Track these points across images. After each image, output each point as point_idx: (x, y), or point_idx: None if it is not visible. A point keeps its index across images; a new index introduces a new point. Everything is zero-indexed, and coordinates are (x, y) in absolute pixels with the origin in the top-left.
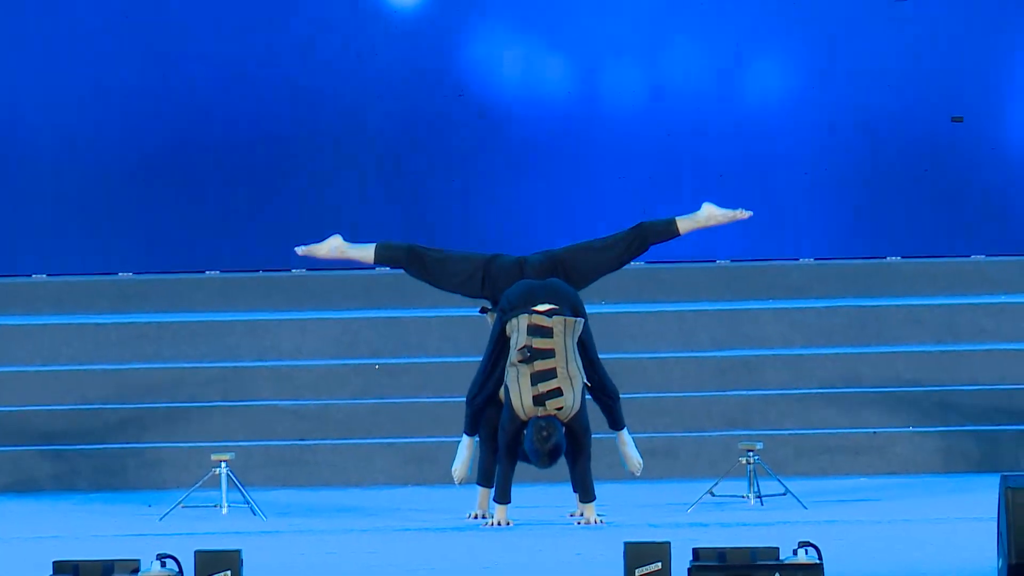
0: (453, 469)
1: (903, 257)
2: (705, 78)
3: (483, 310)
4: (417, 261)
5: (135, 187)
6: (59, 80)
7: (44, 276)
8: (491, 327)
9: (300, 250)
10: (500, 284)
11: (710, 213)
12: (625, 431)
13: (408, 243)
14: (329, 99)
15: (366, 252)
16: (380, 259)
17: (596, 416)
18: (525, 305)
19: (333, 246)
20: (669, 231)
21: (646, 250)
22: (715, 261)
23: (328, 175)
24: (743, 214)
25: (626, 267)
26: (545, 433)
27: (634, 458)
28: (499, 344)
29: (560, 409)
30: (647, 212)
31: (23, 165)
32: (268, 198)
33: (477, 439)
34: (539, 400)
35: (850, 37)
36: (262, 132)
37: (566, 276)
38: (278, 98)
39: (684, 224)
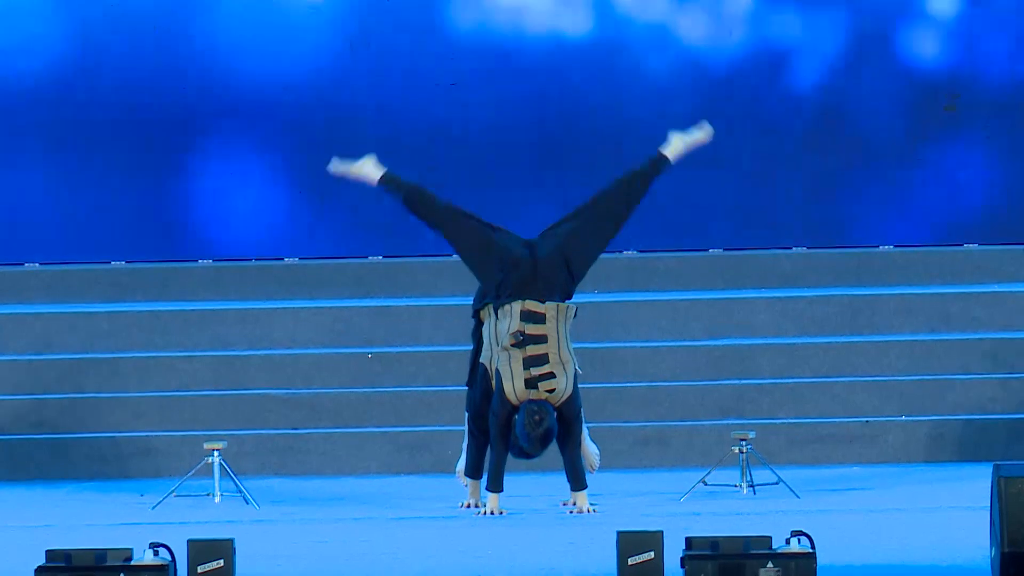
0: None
1: (895, 246)
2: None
3: (475, 310)
4: (420, 199)
5: (128, 175)
6: (52, 68)
7: (36, 265)
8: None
9: (335, 168)
10: (504, 265)
11: (678, 140)
12: None
13: (415, 184)
14: (324, 87)
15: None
16: (384, 184)
17: (588, 399)
18: (519, 293)
19: (368, 168)
20: (663, 163)
21: (646, 192)
22: (707, 250)
23: (320, 164)
24: (704, 133)
25: (619, 256)
26: (537, 417)
27: None
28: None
29: (552, 392)
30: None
31: (15, 153)
32: (262, 186)
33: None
34: (531, 383)
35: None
36: (258, 124)
37: (568, 266)
38: (273, 89)
39: (671, 152)
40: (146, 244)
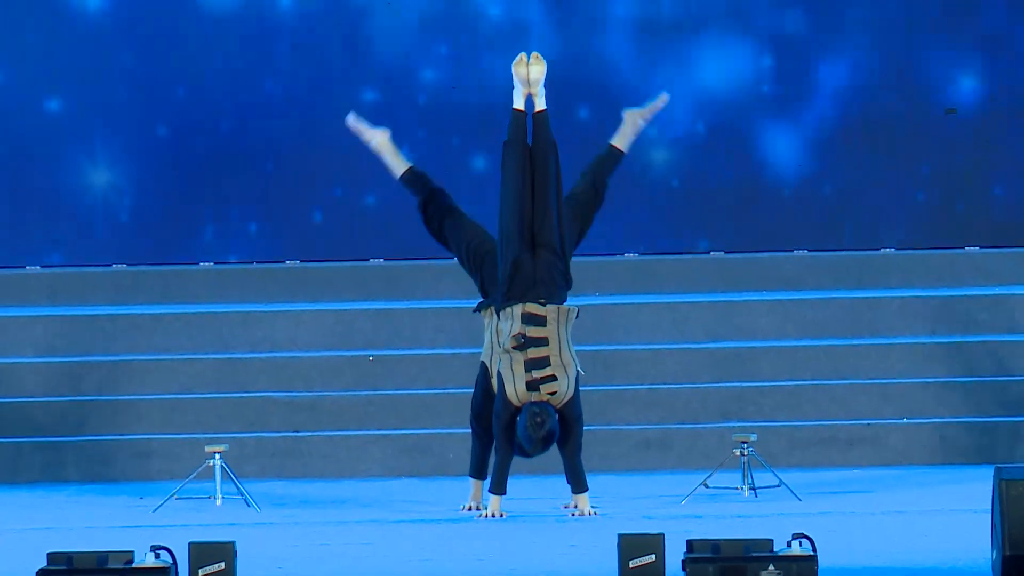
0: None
1: (897, 249)
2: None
3: (477, 308)
4: (437, 202)
5: (129, 178)
6: (54, 72)
7: (38, 268)
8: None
9: (351, 121)
10: (505, 271)
11: (633, 118)
12: None
13: (438, 186)
14: (320, 90)
15: (398, 164)
16: (405, 181)
17: (589, 401)
18: (521, 297)
19: (379, 140)
20: (615, 157)
21: (606, 189)
22: (709, 253)
23: (321, 167)
24: (661, 101)
25: (620, 259)
26: (539, 419)
27: None
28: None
29: (554, 394)
30: None
31: (16, 156)
32: (262, 190)
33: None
34: (533, 385)
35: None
36: (258, 125)
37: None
38: (272, 90)
39: (622, 142)
40: (147, 247)
